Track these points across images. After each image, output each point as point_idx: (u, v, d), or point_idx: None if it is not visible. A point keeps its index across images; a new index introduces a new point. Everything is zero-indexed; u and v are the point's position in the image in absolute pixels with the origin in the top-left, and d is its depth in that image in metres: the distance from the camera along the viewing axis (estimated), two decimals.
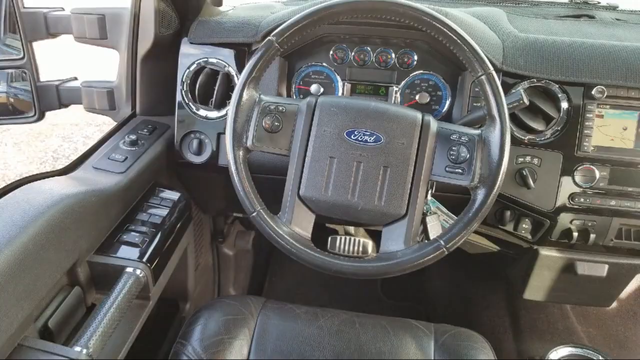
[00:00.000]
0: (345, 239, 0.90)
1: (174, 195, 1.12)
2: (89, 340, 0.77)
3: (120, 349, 0.91)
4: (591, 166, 1.07)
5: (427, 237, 0.94)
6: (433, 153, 0.86)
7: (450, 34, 0.84)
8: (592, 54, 1.06)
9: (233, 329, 1.03)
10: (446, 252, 0.82)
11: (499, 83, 0.84)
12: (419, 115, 0.88)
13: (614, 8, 1.41)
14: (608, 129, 1.06)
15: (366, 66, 1.15)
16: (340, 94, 1.16)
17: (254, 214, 0.85)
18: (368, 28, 1.12)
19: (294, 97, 1.18)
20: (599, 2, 1.44)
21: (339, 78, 1.16)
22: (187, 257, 1.30)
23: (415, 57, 1.13)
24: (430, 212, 0.96)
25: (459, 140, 0.86)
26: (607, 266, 1.21)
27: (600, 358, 1.24)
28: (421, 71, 1.13)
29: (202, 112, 1.16)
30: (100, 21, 1.17)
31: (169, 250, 1.06)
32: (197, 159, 1.18)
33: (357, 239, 0.90)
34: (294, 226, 0.87)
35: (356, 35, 1.13)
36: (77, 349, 0.75)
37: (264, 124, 0.89)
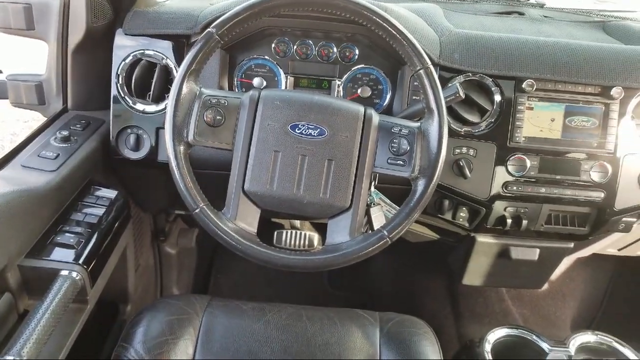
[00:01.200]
0: (291, 232, 0.90)
1: (111, 194, 1.07)
2: (22, 349, 0.72)
3: (56, 356, 0.87)
4: (522, 156, 1.13)
5: (372, 228, 0.95)
6: (375, 145, 0.88)
7: (390, 28, 0.86)
8: (522, 49, 1.12)
9: (177, 329, 1.01)
10: (389, 242, 0.84)
11: (436, 77, 0.86)
12: (361, 108, 0.90)
13: (541, 6, 1.49)
14: (537, 121, 1.12)
15: (309, 60, 1.15)
16: (283, 87, 1.15)
17: (196, 211, 0.83)
18: (310, 21, 1.12)
19: (236, 90, 1.16)
20: (528, 0, 1.51)
21: (281, 71, 1.15)
22: (126, 258, 1.25)
23: (357, 51, 1.14)
24: (373, 204, 0.98)
25: (399, 132, 0.88)
26: (538, 250, 1.29)
27: (534, 337, 1.31)
28: (362, 65, 1.15)
29: (140, 106, 1.12)
30: (27, 11, 1.10)
31: (107, 250, 1.02)
32: (135, 155, 1.14)
33: (302, 233, 0.91)
34: (239, 222, 0.86)
35: (298, 29, 1.13)
36: (9, 358, 0.71)
37: (205, 117, 0.87)
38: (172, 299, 1.09)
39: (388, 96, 1.16)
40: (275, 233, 0.90)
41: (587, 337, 1.30)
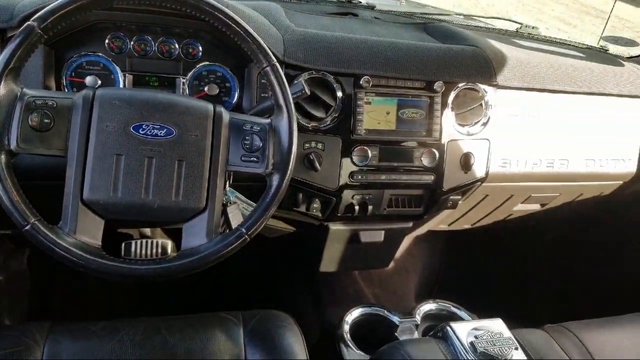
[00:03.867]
0: (142, 242, 0.85)
1: None
2: None
3: None
4: (365, 147, 1.21)
5: (229, 227, 0.94)
6: (228, 143, 0.87)
7: (233, 25, 0.86)
8: (358, 47, 1.20)
9: None
10: (248, 239, 0.84)
11: (282, 74, 0.89)
12: (210, 106, 0.88)
13: (372, 8, 1.61)
14: (375, 114, 1.22)
15: (148, 57, 1.09)
16: (121, 86, 1.07)
17: (27, 228, 0.75)
18: (146, 16, 1.06)
19: (66, 90, 1.05)
20: (360, 2, 1.62)
21: (118, 69, 1.07)
22: None
23: (200, 48, 1.11)
24: (230, 203, 0.97)
25: (251, 129, 0.88)
26: (383, 232, 1.40)
27: (386, 312, 1.43)
28: (207, 62, 1.12)
29: None
30: None
31: None
32: None
33: (154, 241, 0.86)
34: (80, 235, 0.79)
35: (134, 23, 1.06)
36: None
37: (30, 122, 0.78)
38: (4, 331, 0.95)
39: (236, 94, 1.15)
40: (123, 244, 0.84)
41: (429, 306, 1.47)
